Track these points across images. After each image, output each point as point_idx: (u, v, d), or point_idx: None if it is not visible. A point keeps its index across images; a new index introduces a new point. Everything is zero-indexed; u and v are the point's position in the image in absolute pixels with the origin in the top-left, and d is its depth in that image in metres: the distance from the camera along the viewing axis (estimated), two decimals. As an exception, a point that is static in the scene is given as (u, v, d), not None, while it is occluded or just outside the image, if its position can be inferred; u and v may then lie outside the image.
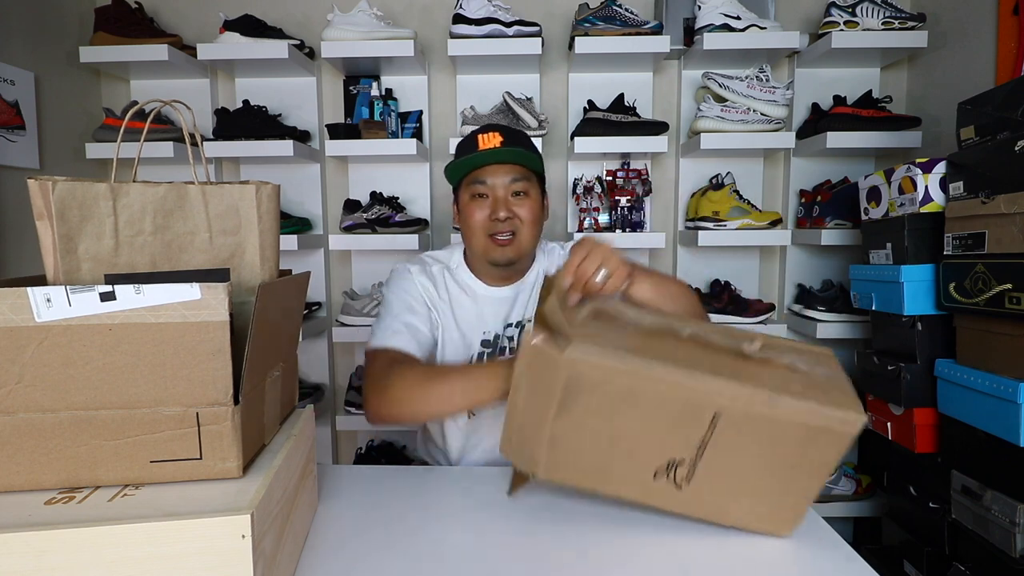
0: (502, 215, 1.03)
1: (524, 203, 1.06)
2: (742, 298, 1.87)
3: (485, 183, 1.04)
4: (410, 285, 1.11)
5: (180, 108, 0.69)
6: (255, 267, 0.70)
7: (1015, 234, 1.09)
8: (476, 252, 1.08)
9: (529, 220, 1.06)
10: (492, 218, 1.04)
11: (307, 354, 2.00)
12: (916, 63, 1.87)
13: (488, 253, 1.06)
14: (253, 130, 1.77)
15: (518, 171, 1.05)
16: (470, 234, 1.07)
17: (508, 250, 1.05)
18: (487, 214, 1.04)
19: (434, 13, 1.95)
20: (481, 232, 1.05)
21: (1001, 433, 1.13)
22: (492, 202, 1.04)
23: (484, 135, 1.04)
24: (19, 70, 1.63)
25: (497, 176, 1.04)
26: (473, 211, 1.05)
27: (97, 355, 0.55)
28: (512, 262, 1.08)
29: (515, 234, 1.05)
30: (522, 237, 1.06)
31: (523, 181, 1.05)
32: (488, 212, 1.04)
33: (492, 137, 1.04)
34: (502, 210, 1.03)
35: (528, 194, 1.06)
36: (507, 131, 1.06)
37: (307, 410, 0.83)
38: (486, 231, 1.05)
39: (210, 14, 1.92)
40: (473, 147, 1.04)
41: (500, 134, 1.04)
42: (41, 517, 0.52)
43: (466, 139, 1.09)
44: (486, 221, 1.04)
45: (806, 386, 0.69)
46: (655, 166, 1.98)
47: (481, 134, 1.05)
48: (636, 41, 1.70)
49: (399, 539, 0.76)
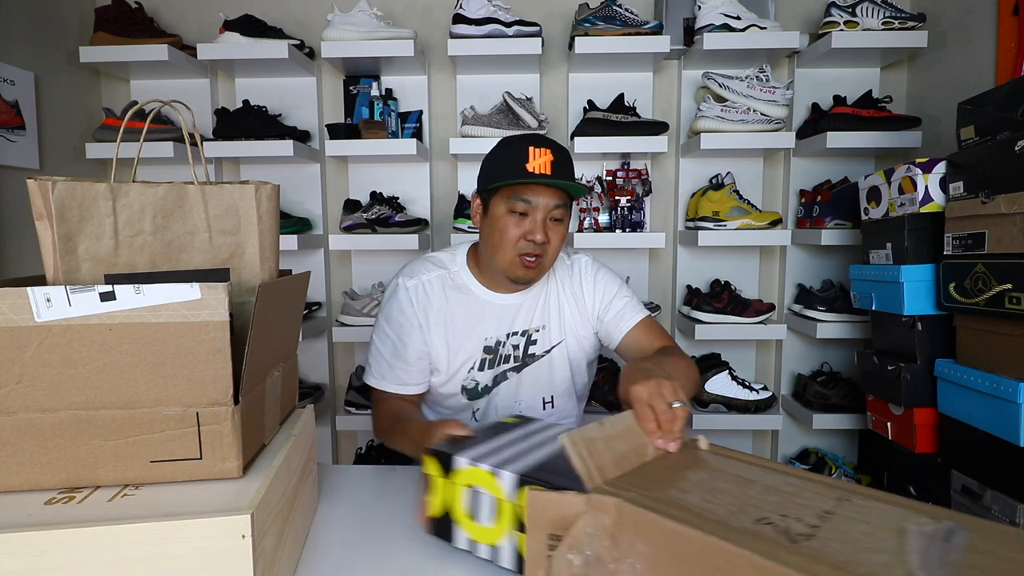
0: (539, 239, 1.01)
1: (559, 229, 1.05)
2: (742, 298, 1.87)
3: (529, 202, 1.01)
4: (400, 315, 1.10)
5: (180, 108, 0.69)
6: (255, 267, 0.70)
7: (1015, 234, 1.09)
8: (499, 266, 1.06)
9: (557, 246, 1.05)
10: (528, 238, 1.02)
11: (307, 354, 2.00)
12: (916, 63, 1.87)
13: (513, 271, 1.05)
14: (253, 130, 1.77)
15: (562, 197, 1.03)
16: (498, 247, 1.04)
17: (533, 272, 1.05)
18: (523, 232, 1.02)
19: (434, 13, 1.95)
20: (512, 248, 1.03)
21: (1001, 433, 1.13)
22: (531, 222, 1.02)
23: (535, 148, 1.00)
24: (19, 70, 1.63)
25: (542, 197, 1.01)
26: (508, 226, 1.02)
27: (97, 355, 0.55)
28: (533, 282, 1.08)
29: (541, 257, 1.04)
30: (546, 261, 1.05)
31: (563, 208, 1.04)
32: (524, 231, 1.02)
33: (543, 153, 0.99)
34: (539, 233, 1.01)
35: (563, 221, 1.05)
36: (558, 150, 1.02)
37: (307, 410, 0.83)
38: (518, 249, 1.03)
39: (210, 14, 1.92)
40: (523, 158, 0.99)
41: (551, 152, 1.00)
42: (41, 517, 0.52)
43: (514, 145, 1.02)
44: (520, 239, 1.02)
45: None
46: (655, 166, 1.98)
47: (532, 147, 1.00)
48: (636, 41, 1.70)
49: (399, 539, 0.76)
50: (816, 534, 0.49)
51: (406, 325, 1.10)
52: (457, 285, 1.12)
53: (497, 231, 1.04)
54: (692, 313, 1.86)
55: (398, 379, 1.10)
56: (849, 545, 0.48)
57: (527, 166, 0.99)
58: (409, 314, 1.10)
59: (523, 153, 1.00)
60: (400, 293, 1.11)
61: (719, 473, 0.64)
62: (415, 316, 1.10)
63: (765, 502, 0.56)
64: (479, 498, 0.67)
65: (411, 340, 1.09)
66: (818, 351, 1.96)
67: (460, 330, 1.11)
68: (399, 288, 1.12)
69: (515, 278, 1.06)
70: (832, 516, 0.53)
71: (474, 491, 0.67)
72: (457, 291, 1.12)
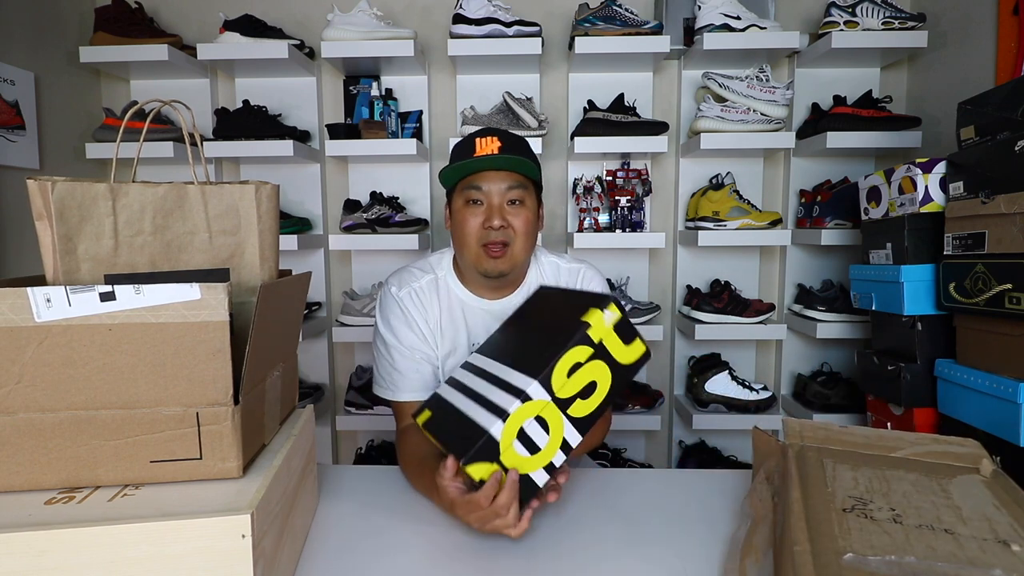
0: (496, 223, 0.99)
1: (519, 212, 1.01)
2: (742, 298, 1.87)
3: (480, 189, 1.00)
4: (398, 322, 1.07)
5: (180, 108, 0.69)
6: (255, 267, 0.70)
7: (1015, 234, 1.09)
8: (467, 261, 1.04)
9: (523, 231, 1.01)
10: (486, 226, 1.00)
11: (307, 354, 2.00)
12: (916, 63, 1.87)
13: (480, 264, 1.02)
14: (253, 130, 1.77)
15: (515, 179, 1.01)
16: (462, 242, 1.03)
17: (500, 262, 1.01)
18: (480, 221, 1.00)
19: (434, 13, 1.95)
20: (474, 241, 1.01)
21: (1001, 433, 1.13)
22: (486, 209, 1.00)
23: (482, 139, 1.00)
24: (19, 70, 1.63)
25: (493, 183, 1.00)
26: (466, 218, 1.01)
27: (97, 355, 0.55)
28: (503, 274, 1.03)
29: (508, 245, 1.01)
30: (515, 249, 1.02)
31: (519, 189, 1.01)
32: (482, 220, 1.00)
33: (490, 142, 0.99)
34: (496, 218, 0.99)
35: (524, 203, 1.02)
36: (506, 136, 1.01)
37: (307, 410, 0.83)
38: (479, 240, 1.01)
39: (210, 14, 1.92)
40: (470, 151, 1.00)
41: (499, 139, 0.99)
42: (41, 517, 0.52)
43: (463, 142, 1.04)
44: (479, 229, 1.00)
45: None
46: (655, 166, 1.98)
47: (479, 137, 1.00)
48: (636, 41, 1.70)
49: (399, 539, 0.76)
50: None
51: (405, 330, 1.07)
52: (445, 289, 1.10)
53: (458, 225, 1.03)
54: (692, 313, 1.86)
55: (411, 387, 1.06)
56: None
57: (474, 155, 0.99)
58: (408, 320, 1.08)
59: (471, 144, 1.01)
60: (395, 302, 1.08)
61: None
62: (414, 321, 1.08)
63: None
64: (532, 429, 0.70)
65: (415, 345, 1.07)
66: (818, 351, 1.96)
67: (449, 335, 1.09)
68: (392, 298, 1.09)
69: (484, 271, 1.02)
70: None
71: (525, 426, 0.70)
72: (447, 296, 1.10)
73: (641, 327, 1.84)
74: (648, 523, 0.80)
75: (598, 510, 0.84)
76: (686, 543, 0.75)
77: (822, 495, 0.62)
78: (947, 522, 0.57)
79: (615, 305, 0.74)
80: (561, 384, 0.70)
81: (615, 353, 0.74)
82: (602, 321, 0.73)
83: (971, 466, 0.71)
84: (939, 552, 0.52)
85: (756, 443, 0.85)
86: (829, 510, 0.59)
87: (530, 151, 1.05)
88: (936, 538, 0.55)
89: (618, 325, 0.74)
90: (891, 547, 0.53)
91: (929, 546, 0.53)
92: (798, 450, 0.74)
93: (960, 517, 0.59)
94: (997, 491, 0.64)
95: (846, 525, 0.57)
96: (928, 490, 0.64)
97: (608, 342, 0.73)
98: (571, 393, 0.71)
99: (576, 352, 0.71)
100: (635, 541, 0.76)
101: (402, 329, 1.07)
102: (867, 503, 0.61)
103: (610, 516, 0.83)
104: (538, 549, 0.74)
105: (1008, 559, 0.51)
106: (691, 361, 1.96)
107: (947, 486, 0.65)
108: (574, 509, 0.84)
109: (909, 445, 0.76)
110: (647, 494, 0.90)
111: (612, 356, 0.74)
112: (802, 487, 0.64)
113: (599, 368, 0.73)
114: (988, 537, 0.55)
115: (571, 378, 0.71)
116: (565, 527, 0.79)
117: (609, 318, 0.73)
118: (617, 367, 0.74)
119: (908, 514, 0.59)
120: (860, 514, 0.59)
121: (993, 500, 0.62)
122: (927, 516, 0.59)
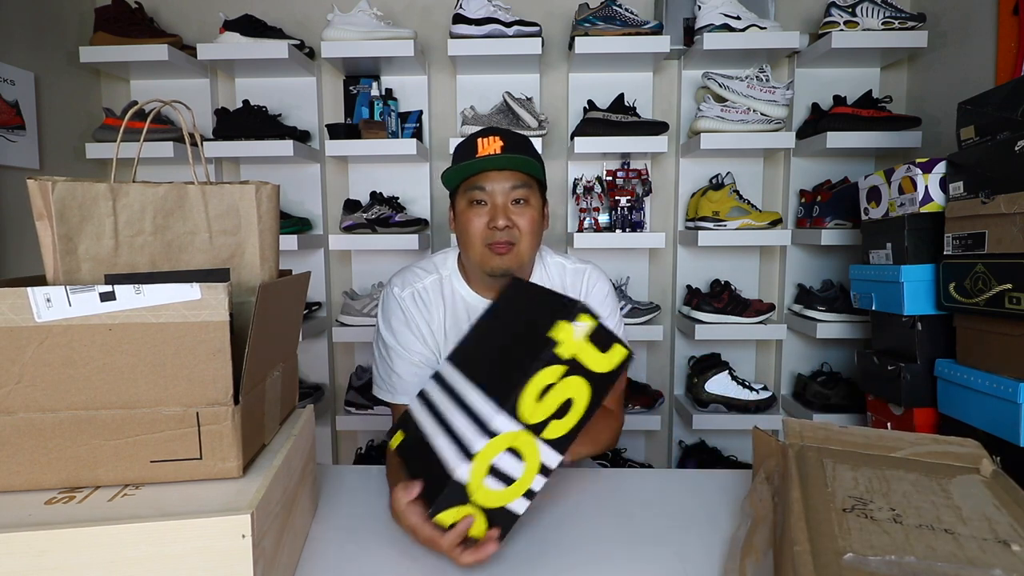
0: (501, 223, 0.98)
1: (524, 212, 1.01)
2: (742, 298, 1.87)
3: (484, 189, 0.99)
4: (399, 323, 1.07)
5: (180, 108, 0.69)
6: (255, 267, 0.70)
7: (1015, 234, 1.09)
8: (473, 261, 1.03)
9: (528, 230, 1.01)
10: (490, 226, 0.99)
11: (307, 354, 2.00)
12: (916, 63, 1.87)
13: (485, 263, 1.01)
14: (253, 130, 1.77)
15: (519, 178, 1.00)
16: (467, 242, 1.02)
17: (506, 260, 1.00)
18: (485, 222, 1.00)
19: (434, 13, 1.95)
20: (479, 241, 1.00)
21: (1001, 433, 1.13)
22: (491, 209, 1.00)
23: (484, 139, 0.99)
24: (19, 70, 1.63)
25: (496, 182, 0.99)
26: (471, 218, 1.00)
27: (97, 355, 0.55)
28: (509, 273, 1.02)
29: (513, 244, 1.00)
30: (521, 247, 1.01)
31: (523, 188, 1.01)
32: (486, 220, 1.00)
33: (492, 141, 0.98)
34: (501, 218, 0.98)
35: (528, 202, 1.01)
36: (508, 135, 1.01)
37: (307, 410, 0.83)
38: (484, 240, 1.00)
39: (210, 14, 1.92)
40: (472, 151, 0.99)
41: (501, 138, 0.99)
42: (41, 517, 0.52)
43: (465, 142, 1.03)
44: (484, 229, 1.00)
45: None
46: (655, 166, 1.98)
47: (481, 138, 1.00)
48: (636, 41, 1.70)
49: (399, 539, 0.76)
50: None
51: (406, 333, 1.07)
52: (450, 289, 1.10)
53: (463, 227, 1.02)
54: (692, 313, 1.86)
55: (408, 390, 1.05)
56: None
57: (476, 155, 0.98)
58: (409, 322, 1.07)
59: (472, 145, 1.00)
60: (397, 303, 1.08)
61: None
62: (416, 324, 1.07)
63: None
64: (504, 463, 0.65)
65: (414, 348, 1.07)
66: (818, 351, 1.96)
67: (454, 336, 1.08)
68: (395, 299, 1.08)
69: (490, 271, 1.02)
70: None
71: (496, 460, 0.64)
72: (451, 295, 1.10)
73: (641, 327, 1.84)
74: (648, 523, 0.80)
75: (598, 510, 0.84)
76: (686, 543, 0.75)
77: (822, 495, 0.62)
78: (947, 522, 0.57)
79: (586, 313, 0.66)
80: (531, 411, 0.64)
81: (591, 365, 0.67)
82: (571, 335, 0.65)
83: (971, 466, 0.71)
84: (939, 552, 0.52)
85: (756, 443, 0.85)
86: (829, 510, 0.59)
87: (533, 149, 1.05)
88: (936, 538, 0.55)
89: (592, 335, 0.66)
90: (891, 547, 0.53)
91: (929, 546, 0.53)
92: (798, 450, 0.74)
93: (960, 517, 0.59)
94: (997, 491, 0.65)
95: (846, 525, 0.57)
96: (928, 490, 0.64)
97: (582, 356, 0.66)
98: (544, 417, 0.65)
99: (545, 374, 0.64)
100: (635, 541, 0.76)
101: (403, 331, 1.07)
102: (867, 503, 0.61)
103: (610, 516, 0.83)
104: (538, 549, 0.74)
105: (1008, 559, 0.51)
106: (691, 361, 1.96)
107: (947, 486, 0.65)
108: (574, 509, 0.84)
109: (909, 445, 0.76)
110: (647, 494, 0.90)
111: (588, 369, 0.67)
112: (802, 487, 0.64)
113: (574, 384, 0.66)
114: (988, 537, 0.55)
115: (542, 401, 0.64)
116: (565, 527, 0.79)
117: (580, 330, 0.66)
118: (595, 377, 0.67)
119: (908, 514, 0.59)
120: (860, 514, 0.59)
121: (993, 500, 0.62)
122: (927, 516, 0.59)
